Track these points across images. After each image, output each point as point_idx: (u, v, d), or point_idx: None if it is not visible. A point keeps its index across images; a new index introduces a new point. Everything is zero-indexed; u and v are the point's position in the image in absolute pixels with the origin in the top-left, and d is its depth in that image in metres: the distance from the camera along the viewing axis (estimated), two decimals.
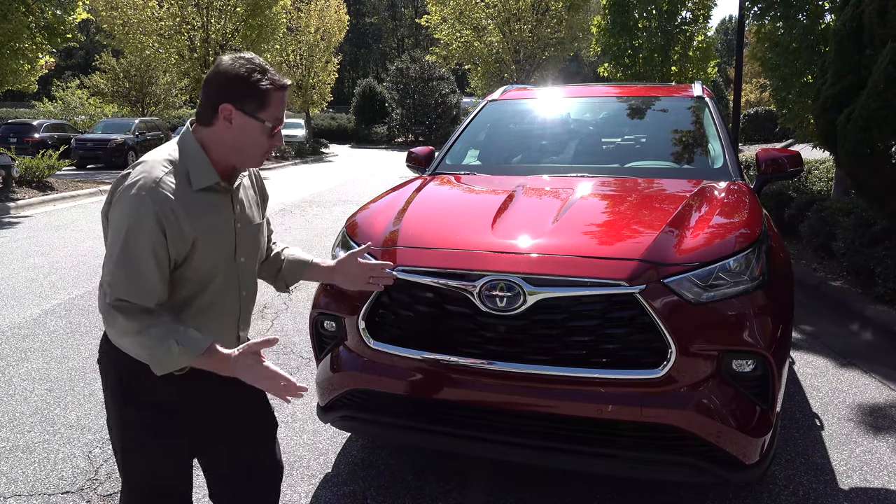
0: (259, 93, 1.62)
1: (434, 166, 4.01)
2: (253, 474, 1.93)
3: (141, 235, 1.53)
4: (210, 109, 1.63)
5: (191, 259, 1.62)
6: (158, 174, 1.58)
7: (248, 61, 1.63)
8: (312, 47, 33.82)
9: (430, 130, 38.21)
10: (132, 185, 1.56)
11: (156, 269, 1.56)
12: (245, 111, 1.62)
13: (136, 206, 1.54)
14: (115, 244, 1.56)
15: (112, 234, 1.58)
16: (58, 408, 3.74)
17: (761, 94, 36.76)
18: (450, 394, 2.54)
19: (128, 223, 1.54)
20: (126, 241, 1.54)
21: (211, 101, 1.63)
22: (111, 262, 1.56)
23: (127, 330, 1.55)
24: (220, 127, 1.64)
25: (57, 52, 16.61)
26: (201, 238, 1.62)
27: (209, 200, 1.66)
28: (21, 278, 6.71)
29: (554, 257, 2.46)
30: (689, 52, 14.43)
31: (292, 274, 2.04)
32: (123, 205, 1.56)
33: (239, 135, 1.64)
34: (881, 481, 2.98)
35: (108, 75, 31.65)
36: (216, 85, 1.63)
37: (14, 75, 13.27)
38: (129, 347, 1.58)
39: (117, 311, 1.54)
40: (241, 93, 1.61)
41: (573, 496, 2.82)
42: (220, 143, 1.66)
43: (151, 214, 1.53)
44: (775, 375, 2.36)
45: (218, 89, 1.62)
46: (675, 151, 3.97)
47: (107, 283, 1.56)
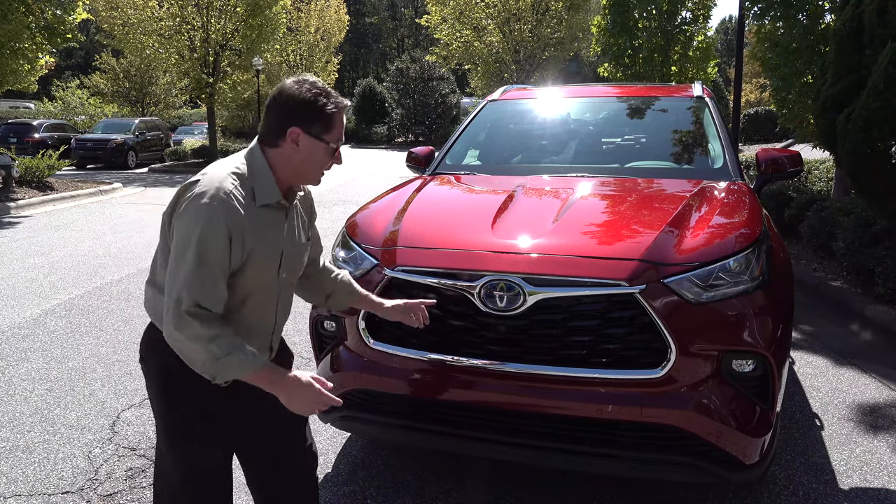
0: (325, 116, 1.69)
1: (434, 166, 4.01)
2: (290, 467, 2.00)
3: (213, 244, 1.59)
4: (277, 132, 1.70)
5: (242, 271, 1.69)
6: (228, 186, 1.63)
7: (312, 85, 1.70)
8: (312, 47, 33.83)
9: (430, 130, 38.18)
10: (202, 193, 1.61)
11: (223, 277, 1.63)
12: (311, 134, 1.70)
13: (208, 216, 1.59)
14: (187, 251, 1.59)
15: (181, 241, 1.61)
16: (58, 408, 3.74)
17: (761, 94, 36.75)
18: (450, 394, 2.54)
19: (200, 232, 1.59)
20: (199, 249, 1.59)
21: (278, 124, 1.70)
22: (185, 270, 1.59)
23: (200, 336, 1.58)
24: (287, 148, 1.70)
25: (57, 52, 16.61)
26: (255, 252, 1.69)
27: (268, 216, 1.73)
28: (21, 278, 6.71)
29: (554, 257, 2.46)
30: (689, 52, 14.42)
31: (341, 300, 2.15)
32: (194, 213, 1.60)
33: (306, 156, 1.72)
34: (881, 481, 2.98)
35: (108, 75, 31.66)
36: (284, 108, 1.70)
37: (14, 75, 13.27)
38: (193, 354, 1.61)
39: (194, 317, 1.58)
40: (308, 117, 1.68)
41: (573, 496, 2.82)
42: (287, 163, 1.72)
43: (223, 224, 1.60)
44: (775, 375, 2.36)
45: (285, 113, 1.69)
46: (675, 151, 3.97)
47: (180, 290, 1.59)
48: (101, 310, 5.63)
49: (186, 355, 1.63)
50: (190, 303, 1.58)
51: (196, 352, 1.61)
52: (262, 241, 1.70)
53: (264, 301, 1.81)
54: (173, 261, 1.63)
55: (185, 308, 1.58)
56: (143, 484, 2.96)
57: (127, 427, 3.51)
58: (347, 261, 2.84)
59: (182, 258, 1.60)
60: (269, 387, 1.67)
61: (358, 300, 2.18)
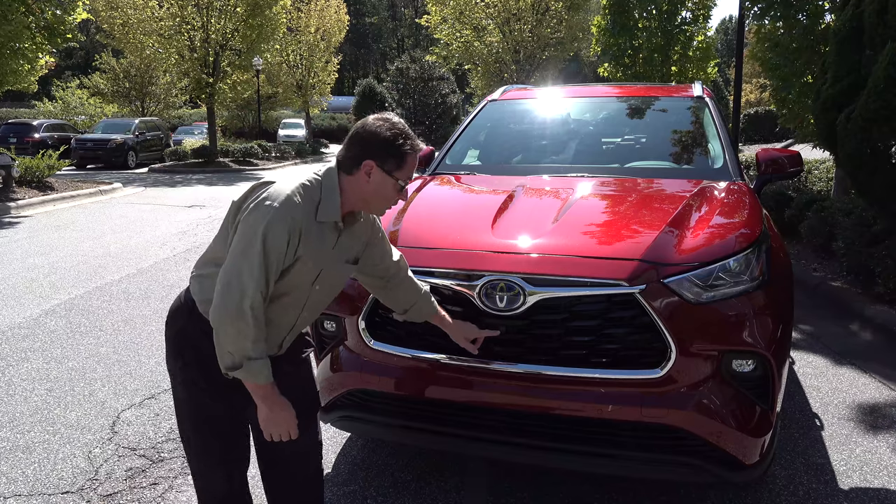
0: (400, 155, 1.85)
1: (434, 166, 4.01)
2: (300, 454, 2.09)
3: (274, 244, 1.71)
4: (354, 161, 1.85)
5: (283, 274, 1.80)
6: (296, 196, 1.77)
7: (393, 125, 1.85)
8: (312, 47, 33.82)
9: (430, 130, 38.17)
10: (275, 196, 1.75)
11: (276, 275, 1.76)
12: (384, 169, 1.84)
13: (273, 217, 1.71)
14: (253, 248, 1.70)
15: (245, 238, 1.72)
16: (58, 408, 3.74)
17: (761, 94, 36.74)
18: (450, 394, 2.54)
19: (264, 230, 1.70)
20: (264, 248, 1.70)
21: (356, 155, 1.84)
22: (250, 265, 1.70)
23: (247, 334, 1.71)
24: (360, 178, 1.84)
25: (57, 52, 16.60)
26: (301, 260, 1.81)
27: (321, 232, 1.85)
28: (21, 278, 6.71)
29: (554, 257, 2.46)
30: (689, 52, 14.44)
31: (419, 313, 2.32)
32: (261, 213, 1.72)
33: (375, 188, 1.86)
34: (881, 481, 2.98)
35: (108, 75, 31.64)
36: (364, 142, 1.85)
37: (14, 75, 13.27)
38: (229, 343, 1.72)
39: (252, 312, 1.71)
40: (384, 154, 1.83)
41: (573, 496, 2.82)
42: (356, 191, 1.86)
43: (286, 227, 1.72)
44: (775, 375, 2.36)
45: (365, 146, 1.84)
46: (675, 151, 3.97)
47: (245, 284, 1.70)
48: (101, 310, 5.63)
49: (222, 341, 1.73)
50: (253, 298, 1.70)
51: (233, 344, 1.72)
52: (309, 253, 1.81)
53: (291, 304, 1.90)
54: (237, 255, 1.72)
55: (250, 303, 1.69)
56: (143, 484, 2.96)
57: (127, 427, 3.51)
58: None
59: (246, 254, 1.71)
60: (259, 399, 1.81)
61: (437, 319, 2.36)
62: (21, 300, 5.90)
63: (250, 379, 1.76)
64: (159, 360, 4.45)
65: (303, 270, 1.83)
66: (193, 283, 1.94)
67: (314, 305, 1.99)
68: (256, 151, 24.50)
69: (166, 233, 9.49)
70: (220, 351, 1.75)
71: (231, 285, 1.70)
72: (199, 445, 2.01)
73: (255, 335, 1.72)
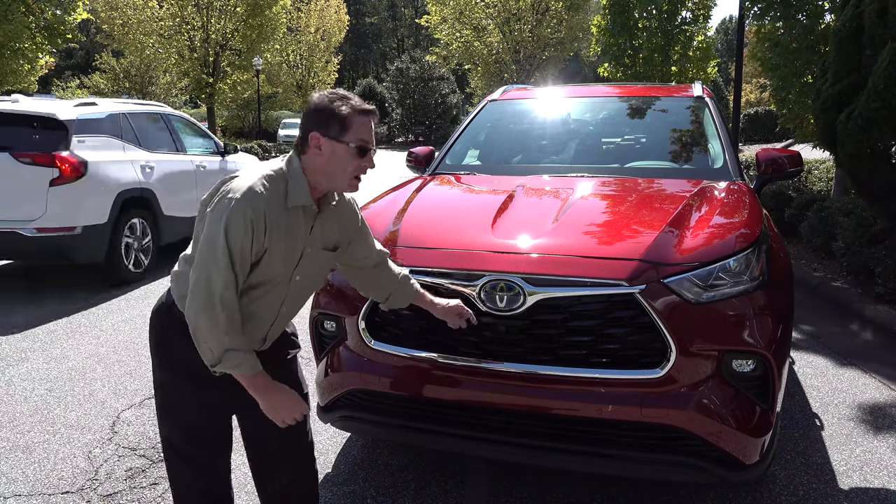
0: (340, 118, 1.79)
1: (434, 166, 4.01)
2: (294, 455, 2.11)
3: (235, 236, 1.70)
4: (303, 139, 1.83)
5: (257, 264, 1.79)
6: (258, 186, 1.75)
7: (332, 92, 1.83)
8: (312, 47, 33.86)
9: (430, 130, 38.20)
10: (236, 189, 1.74)
11: (244, 266, 1.75)
12: (330, 136, 1.79)
13: (232, 209, 1.70)
14: (217, 243, 1.70)
15: (210, 233, 1.72)
16: (58, 408, 3.74)
17: (761, 94, 36.75)
18: (450, 394, 2.54)
19: (225, 224, 1.70)
20: (227, 242, 1.70)
21: (303, 132, 1.83)
22: (216, 259, 1.70)
23: (220, 324, 1.71)
24: (312, 154, 1.82)
25: (57, 52, 16.61)
26: (273, 249, 1.79)
27: (295, 218, 1.83)
28: (21, 277, 6.70)
29: (554, 257, 2.46)
30: (689, 52, 14.44)
31: (403, 300, 2.30)
32: (222, 207, 1.72)
33: (328, 159, 1.81)
34: (881, 481, 2.98)
35: (108, 75, 31.69)
36: (307, 116, 1.83)
37: (14, 75, 13.28)
38: (207, 338, 1.72)
39: (223, 305, 1.70)
40: (325, 120, 1.79)
41: (573, 496, 2.82)
42: (314, 168, 1.83)
43: (246, 219, 1.71)
44: (775, 375, 2.36)
45: (307, 120, 1.82)
46: (675, 151, 3.97)
47: (213, 277, 1.70)
48: (101, 310, 5.63)
49: (199, 337, 1.73)
50: (223, 293, 1.70)
51: (210, 338, 1.71)
52: (282, 241, 1.80)
53: (271, 296, 1.88)
54: (203, 252, 1.73)
55: (219, 297, 1.69)
56: (143, 484, 2.96)
57: (127, 427, 3.51)
58: None
59: (213, 248, 1.70)
60: (253, 391, 1.80)
61: (420, 301, 2.33)
62: (21, 300, 5.90)
63: (236, 371, 1.76)
64: None
65: (276, 260, 1.82)
66: (172, 281, 1.95)
67: (295, 298, 1.97)
68: (256, 151, 24.51)
69: None
70: (200, 348, 1.75)
71: (199, 282, 1.71)
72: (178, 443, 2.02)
73: (228, 328, 1.71)
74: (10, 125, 5.93)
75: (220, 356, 1.72)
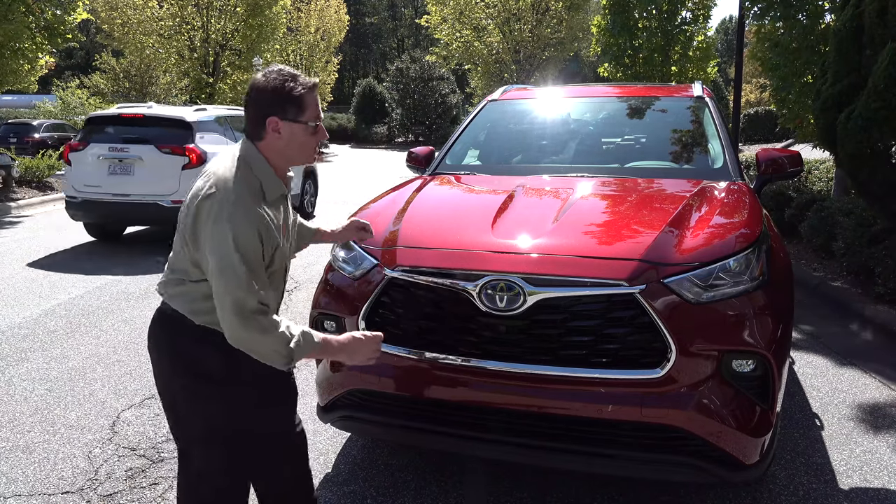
0: (295, 99, 1.80)
1: (434, 166, 4.01)
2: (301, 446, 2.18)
3: (250, 246, 1.71)
4: (258, 125, 1.81)
5: (271, 262, 1.83)
6: (245, 195, 1.74)
7: (279, 73, 1.81)
8: (312, 47, 33.86)
9: (430, 130, 38.18)
10: (224, 202, 1.71)
11: (263, 271, 1.77)
12: (288, 119, 1.80)
13: (238, 222, 1.69)
14: (232, 259, 1.68)
15: (221, 251, 1.69)
16: (58, 408, 3.74)
17: (761, 94, 36.74)
18: (450, 394, 2.54)
19: (234, 238, 1.68)
20: (242, 256, 1.69)
21: (257, 117, 1.81)
22: (237, 276, 1.68)
23: (268, 328, 1.71)
24: (272, 138, 1.82)
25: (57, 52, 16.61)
26: (278, 246, 1.83)
27: (277, 209, 1.86)
28: (21, 278, 6.71)
29: (554, 257, 2.46)
30: (689, 52, 14.43)
31: (302, 243, 2.30)
32: (226, 224, 1.69)
33: (288, 141, 1.82)
34: (881, 481, 2.98)
35: (108, 75, 31.66)
36: (258, 102, 1.81)
37: (14, 75, 13.27)
38: (266, 346, 1.71)
39: (260, 314, 1.70)
40: (281, 103, 1.79)
41: (573, 496, 2.82)
42: (276, 152, 1.84)
43: (254, 228, 1.71)
44: (775, 375, 2.36)
45: (260, 105, 1.80)
46: (675, 151, 3.97)
47: (241, 295, 1.68)
48: (101, 310, 5.63)
49: (258, 350, 1.72)
50: (254, 304, 1.69)
51: (269, 343, 1.71)
52: (278, 234, 1.83)
53: (275, 283, 1.92)
54: (221, 270, 1.69)
55: (251, 309, 1.69)
56: (143, 484, 2.96)
57: (127, 427, 3.51)
58: (347, 261, 2.83)
59: (229, 266, 1.68)
60: (332, 355, 1.87)
61: (318, 235, 2.40)
62: (21, 300, 5.90)
63: (309, 353, 1.77)
64: None
65: (281, 251, 1.87)
66: (170, 295, 1.89)
67: (284, 276, 2.02)
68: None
69: (166, 232, 9.48)
70: (269, 360, 1.74)
71: (226, 306, 1.69)
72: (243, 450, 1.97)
73: (276, 323, 1.72)
74: (152, 126, 8.13)
75: (289, 353, 1.72)
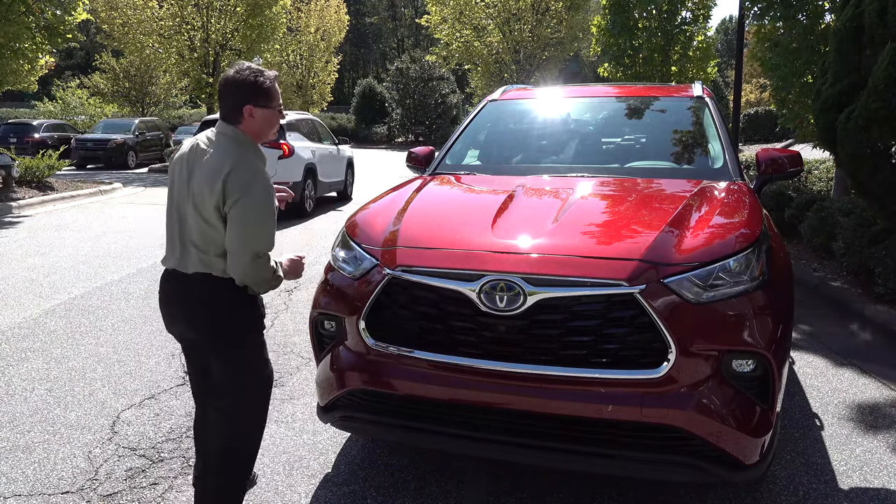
0: (266, 90, 2.32)
1: (434, 166, 4.01)
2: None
3: (270, 207, 2.28)
4: (235, 111, 2.32)
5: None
6: (260, 165, 2.31)
7: (248, 69, 2.31)
8: (312, 47, 33.82)
9: (430, 130, 38.18)
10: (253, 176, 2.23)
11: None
12: (261, 105, 2.32)
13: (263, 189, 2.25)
14: (259, 216, 2.23)
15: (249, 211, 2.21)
16: (58, 408, 3.74)
17: (761, 94, 36.75)
18: (450, 394, 2.54)
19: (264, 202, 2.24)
20: (266, 214, 2.26)
21: (233, 105, 2.32)
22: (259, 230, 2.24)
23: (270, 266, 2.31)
24: (248, 121, 2.33)
25: (57, 52, 16.61)
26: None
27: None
28: (21, 278, 6.71)
29: (554, 257, 2.46)
30: (689, 52, 14.43)
31: None
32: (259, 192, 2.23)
33: (262, 123, 2.35)
34: (881, 481, 2.98)
35: (108, 75, 31.64)
36: (234, 93, 2.31)
37: (14, 75, 13.27)
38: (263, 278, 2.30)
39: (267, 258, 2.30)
40: (254, 94, 2.30)
41: (573, 496, 2.82)
42: (252, 132, 2.36)
43: (271, 192, 2.30)
44: (775, 375, 2.37)
45: (237, 96, 2.30)
46: (675, 151, 3.97)
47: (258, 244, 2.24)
48: (101, 310, 5.63)
49: (257, 281, 2.30)
50: (265, 251, 2.28)
51: (265, 276, 2.30)
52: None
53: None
54: (244, 224, 2.22)
55: (263, 255, 2.27)
56: (143, 484, 2.96)
57: (127, 427, 3.51)
58: (347, 261, 2.84)
59: (253, 222, 2.23)
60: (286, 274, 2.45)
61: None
62: (21, 300, 5.91)
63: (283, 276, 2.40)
64: (159, 360, 4.45)
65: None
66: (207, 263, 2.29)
67: None
68: None
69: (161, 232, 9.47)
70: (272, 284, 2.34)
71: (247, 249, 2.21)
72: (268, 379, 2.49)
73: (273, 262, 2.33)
74: None
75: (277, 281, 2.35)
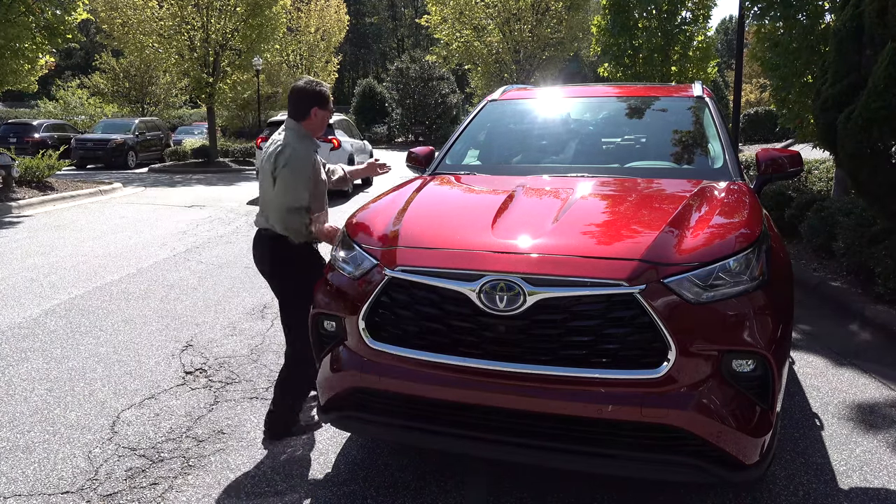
0: (326, 97, 3.38)
1: (434, 166, 4.01)
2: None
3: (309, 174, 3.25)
4: (304, 111, 3.33)
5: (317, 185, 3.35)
6: (307, 146, 3.30)
7: (317, 83, 3.38)
8: (312, 47, 33.78)
9: (430, 130, 38.19)
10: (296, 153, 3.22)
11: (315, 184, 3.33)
12: (322, 108, 3.36)
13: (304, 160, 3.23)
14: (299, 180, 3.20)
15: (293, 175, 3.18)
16: (58, 408, 3.75)
17: (761, 94, 36.73)
18: (449, 394, 2.53)
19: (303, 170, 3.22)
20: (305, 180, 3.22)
21: (304, 107, 3.33)
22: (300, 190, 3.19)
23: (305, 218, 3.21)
24: (311, 120, 3.35)
25: (57, 52, 16.61)
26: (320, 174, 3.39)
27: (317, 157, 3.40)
28: (21, 278, 6.71)
29: (554, 257, 2.46)
30: (689, 52, 14.41)
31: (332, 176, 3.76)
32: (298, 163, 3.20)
33: (320, 121, 3.38)
34: (881, 481, 2.98)
35: (108, 75, 31.63)
36: (306, 98, 3.33)
37: (14, 75, 13.27)
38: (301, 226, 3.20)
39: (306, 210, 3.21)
40: (319, 100, 3.35)
41: (573, 496, 2.82)
42: (313, 127, 3.38)
43: (311, 163, 3.27)
44: (775, 375, 2.36)
45: (308, 100, 3.33)
46: (675, 151, 3.97)
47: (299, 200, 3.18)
48: (101, 310, 5.63)
49: (292, 230, 3.20)
50: (296, 206, 3.17)
51: (297, 227, 3.19)
52: (322, 166, 3.43)
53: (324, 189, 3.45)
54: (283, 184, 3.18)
55: (294, 210, 3.17)
56: (143, 484, 2.96)
57: (127, 427, 3.51)
58: (347, 261, 2.84)
59: (295, 184, 3.18)
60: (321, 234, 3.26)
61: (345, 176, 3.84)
62: (21, 300, 5.91)
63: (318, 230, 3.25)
64: (159, 360, 4.45)
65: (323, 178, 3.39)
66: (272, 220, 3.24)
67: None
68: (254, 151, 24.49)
69: (166, 233, 9.49)
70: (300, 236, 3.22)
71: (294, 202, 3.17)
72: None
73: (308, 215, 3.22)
74: None
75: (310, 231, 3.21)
